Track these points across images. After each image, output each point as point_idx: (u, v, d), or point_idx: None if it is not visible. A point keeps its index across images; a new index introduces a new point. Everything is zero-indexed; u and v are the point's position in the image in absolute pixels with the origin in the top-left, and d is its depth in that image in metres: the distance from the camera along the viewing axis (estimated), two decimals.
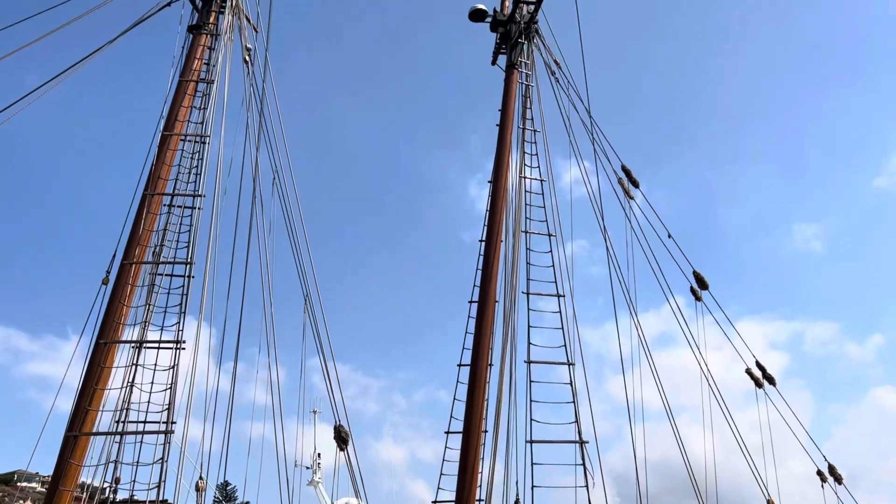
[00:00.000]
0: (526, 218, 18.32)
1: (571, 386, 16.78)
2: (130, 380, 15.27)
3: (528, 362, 16.80)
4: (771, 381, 17.90)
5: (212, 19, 18.97)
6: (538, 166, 18.97)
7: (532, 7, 20.10)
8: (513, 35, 20.06)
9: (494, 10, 20.38)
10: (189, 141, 17.60)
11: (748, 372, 18.12)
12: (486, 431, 16.39)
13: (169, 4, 18.80)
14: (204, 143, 17.40)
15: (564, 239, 18.42)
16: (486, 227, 18.18)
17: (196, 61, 18.32)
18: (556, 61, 20.25)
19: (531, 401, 16.34)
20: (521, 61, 19.92)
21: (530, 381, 16.58)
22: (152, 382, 15.17)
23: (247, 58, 19.58)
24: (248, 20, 19.71)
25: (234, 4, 19.24)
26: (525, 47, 20.14)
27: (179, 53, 18.33)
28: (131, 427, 15.28)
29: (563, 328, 17.27)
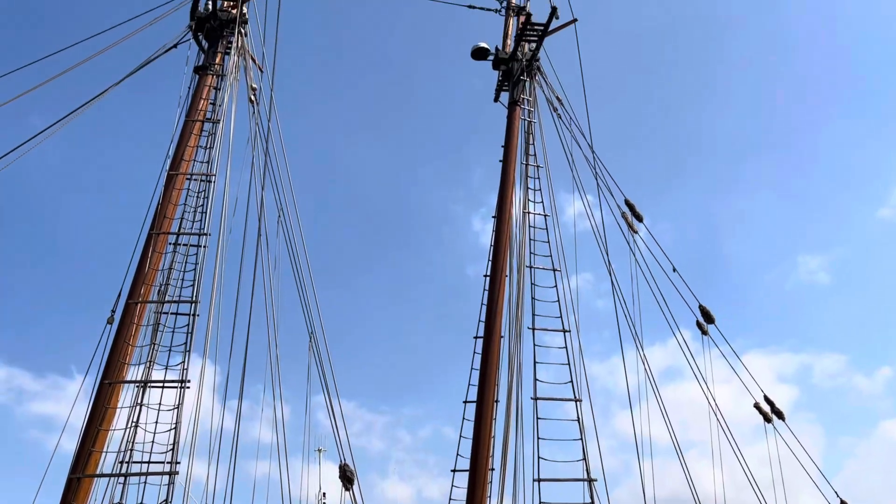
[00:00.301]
0: (530, 253, 18.34)
1: (579, 423, 16.62)
2: (134, 420, 15.14)
3: (535, 399, 16.67)
4: (780, 415, 17.72)
5: (218, 60, 19.22)
6: (542, 201, 19.07)
7: (534, 45, 20.35)
8: (515, 72, 20.29)
9: (496, 49, 20.64)
10: (195, 180, 17.70)
11: (757, 406, 17.96)
12: (492, 469, 16.21)
13: (175, 46, 19.09)
14: (209, 181, 17.48)
15: (569, 273, 18.44)
16: (490, 263, 18.21)
17: (202, 101, 18.51)
18: (557, 97, 20.44)
19: (538, 438, 16.19)
20: (523, 98, 20.12)
21: (537, 418, 16.45)
22: (156, 422, 15.02)
23: (252, 97, 19.77)
24: (253, 60, 19.96)
25: (239, 45, 19.48)
26: (527, 84, 20.35)
27: (186, 94, 18.57)
28: (135, 468, 15.12)
29: (569, 363, 17.18)
